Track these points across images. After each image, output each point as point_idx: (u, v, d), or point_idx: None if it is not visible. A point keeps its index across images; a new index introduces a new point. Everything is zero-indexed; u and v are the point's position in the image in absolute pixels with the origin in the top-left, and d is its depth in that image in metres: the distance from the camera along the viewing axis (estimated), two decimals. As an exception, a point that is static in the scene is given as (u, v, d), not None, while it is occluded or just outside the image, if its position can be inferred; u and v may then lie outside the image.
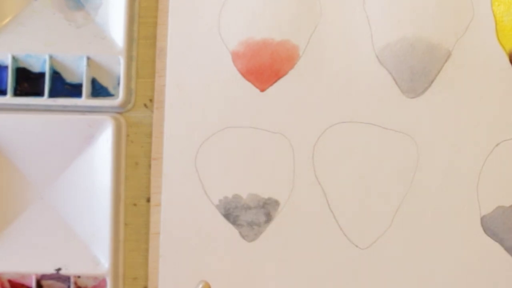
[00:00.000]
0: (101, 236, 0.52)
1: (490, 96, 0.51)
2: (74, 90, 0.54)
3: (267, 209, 0.52)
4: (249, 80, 0.53)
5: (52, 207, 0.54)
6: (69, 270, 0.53)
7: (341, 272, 0.52)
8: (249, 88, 0.53)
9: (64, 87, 0.54)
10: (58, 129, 0.53)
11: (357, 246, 0.52)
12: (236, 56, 0.53)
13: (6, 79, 0.53)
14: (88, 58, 0.54)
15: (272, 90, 0.53)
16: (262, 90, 0.53)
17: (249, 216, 0.52)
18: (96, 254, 0.53)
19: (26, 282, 0.54)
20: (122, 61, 0.53)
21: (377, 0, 0.52)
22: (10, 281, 0.54)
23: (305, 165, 0.52)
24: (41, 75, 0.54)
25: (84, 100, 0.53)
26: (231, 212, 0.52)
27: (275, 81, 0.53)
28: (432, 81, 0.52)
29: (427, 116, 0.52)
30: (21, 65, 0.54)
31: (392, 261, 0.51)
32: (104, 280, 0.53)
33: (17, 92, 0.54)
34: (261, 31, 0.53)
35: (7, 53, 0.53)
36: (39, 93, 0.54)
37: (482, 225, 0.51)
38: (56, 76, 0.54)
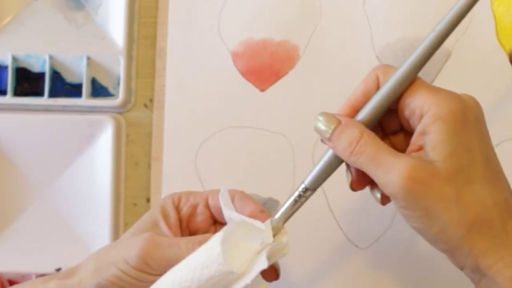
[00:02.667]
0: (101, 236, 0.52)
1: (490, 96, 0.51)
2: (74, 90, 0.54)
3: (267, 208, 0.52)
4: (249, 80, 0.53)
5: (52, 207, 0.54)
6: (69, 270, 0.53)
7: (341, 271, 0.52)
8: (249, 88, 0.53)
9: (64, 87, 0.54)
10: (58, 129, 0.53)
11: (357, 246, 0.52)
12: (236, 56, 0.53)
13: (6, 79, 0.53)
14: (88, 58, 0.54)
15: (272, 90, 0.53)
16: (262, 90, 0.53)
17: (249, 216, 0.52)
18: (96, 254, 0.53)
19: (26, 282, 0.54)
20: (122, 61, 0.53)
21: (377, 0, 0.52)
22: (10, 281, 0.54)
23: (305, 165, 0.52)
24: (41, 75, 0.54)
25: (84, 100, 0.53)
26: (231, 212, 0.52)
27: (275, 81, 0.53)
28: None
29: (427, 116, 0.52)
30: (21, 65, 0.54)
31: (392, 261, 0.51)
32: (104, 280, 0.53)
33: (17, 92, 0.54)
34: (261, 31, 0.53)
35: (7, 53, 0.53)
36: (39, 93, 0.54)
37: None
38: (56, 76, 0.54)
